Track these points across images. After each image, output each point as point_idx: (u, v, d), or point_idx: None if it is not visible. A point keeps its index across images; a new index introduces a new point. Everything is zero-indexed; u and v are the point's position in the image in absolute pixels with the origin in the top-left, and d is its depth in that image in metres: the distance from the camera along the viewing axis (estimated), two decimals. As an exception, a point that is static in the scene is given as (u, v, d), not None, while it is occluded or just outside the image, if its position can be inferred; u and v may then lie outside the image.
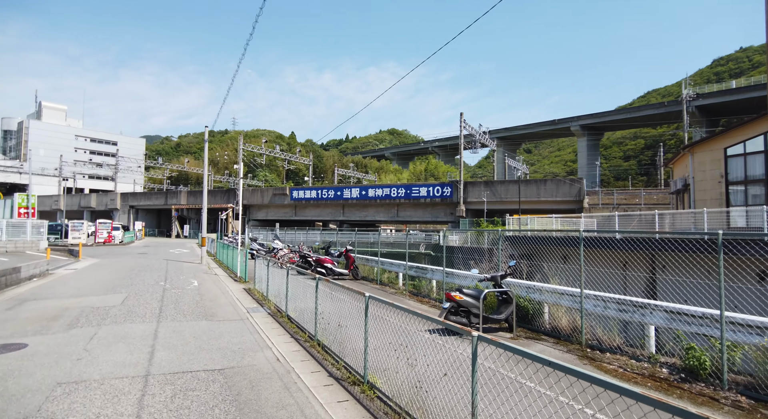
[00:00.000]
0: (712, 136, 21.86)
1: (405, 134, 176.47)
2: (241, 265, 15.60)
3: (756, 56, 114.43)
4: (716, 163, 21.11)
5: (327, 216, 52.72)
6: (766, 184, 19.37)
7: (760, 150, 19.57)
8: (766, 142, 19.33)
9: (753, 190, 19.95)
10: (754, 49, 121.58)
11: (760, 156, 19.60)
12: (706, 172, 21.58)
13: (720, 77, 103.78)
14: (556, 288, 8.06)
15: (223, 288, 13.09)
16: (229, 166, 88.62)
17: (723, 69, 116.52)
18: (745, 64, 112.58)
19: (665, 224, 21.57)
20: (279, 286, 9.89)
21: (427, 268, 12.39)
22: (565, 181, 41.48)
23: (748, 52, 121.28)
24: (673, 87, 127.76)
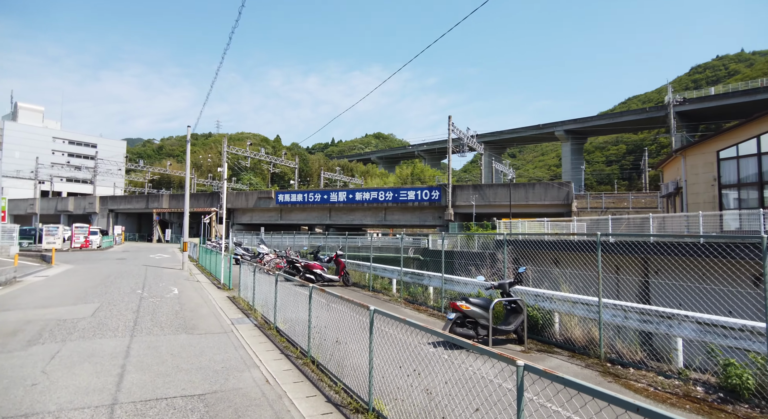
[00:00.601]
0: (705, 139, 21.73)
1: (391, 138, 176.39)
2: (224, 271, 14.76)
3: (731, 64, 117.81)
4: (709, 166, 20.97)
5: (313, 220, 51.79)
6: (759, 187, 19.24)
7: (753, 153, 19.45)
8: (759, 145, 19.21)
9: (746, 193, 19.82)
10: (730, 57, 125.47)
11: (752, 159, 19.48)
12: (699, 176, 21.42)
13: (698, 84, 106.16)
14: (569, 296, 7.48)
15: (205, 296, 12.24)
16: (212, 169, 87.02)
17: (700, 76, 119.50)
18: (721, 72, 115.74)
19: (659, 227, 21.35)
20: (266, 295, 9.13)
21: (424, 274, 11.74)
22: (554, 185, 41.35)
23: (724, 60, 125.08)
24: (652, 93, 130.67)
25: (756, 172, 19.30)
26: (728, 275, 10.69)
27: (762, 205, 18.93)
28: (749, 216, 18.07)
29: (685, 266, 14.18)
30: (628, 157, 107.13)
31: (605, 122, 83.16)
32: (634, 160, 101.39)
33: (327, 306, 6.02)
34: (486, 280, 8.32)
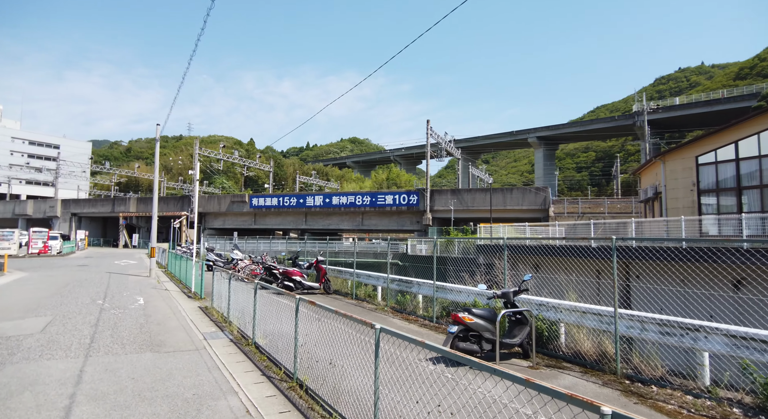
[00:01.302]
0: (684, 145, 21.89)
1: (367, 143, 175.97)
2: (196, 279, 13.72)
3: (693, 76, 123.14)
4: (688, 171, 21.09)
5: (289, 225, 50.53)
6: (737, 193, 19.40)
7: (731, 158, 19.61)
8: (737, 150, 19.39)
9: (724, 198, 19.97)
10: (691, 69, 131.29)
11: (731, 164, 19.64)
12: (678, 181, 21.53)
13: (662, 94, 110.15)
14: (578, 305, 6.91)
15: (174, 306, 11.21)
16: (183, 172, 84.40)
17: (664, 87, 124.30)
18: (683, 84, 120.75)
19: (638, 232, 21.36)
20: (243, 305, 8.26)
21: (413, 281, 11.04)
22: (531, 190, 41.47)
23: (686, 72, 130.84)
24: (619, 103, 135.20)
25: (734, 178, 19.46)
26: (709, 279, 10.52)
27: (740, 210, 19.09)
28: (727, 222, 18.17)
29: (665, 270, 13.97)
30: (597, 164, 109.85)
31: (576, 130, 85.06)
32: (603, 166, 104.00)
33: (318, 320, 5.24)
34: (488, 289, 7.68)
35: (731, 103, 64.05)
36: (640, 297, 14.33)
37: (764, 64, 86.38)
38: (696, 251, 12.63)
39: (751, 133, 18.91)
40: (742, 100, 63.59)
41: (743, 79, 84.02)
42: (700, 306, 8.51)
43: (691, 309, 8.20)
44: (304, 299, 5.39)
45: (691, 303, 8.72)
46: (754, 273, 11.38)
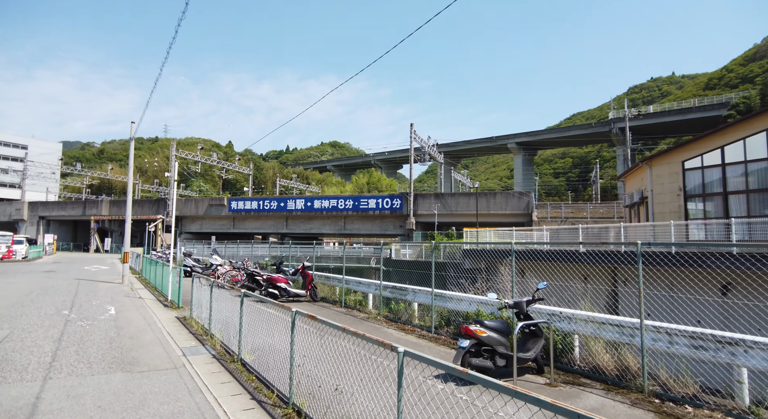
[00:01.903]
0: (671, 150, 21.95)
1: (347, 147, 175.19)
2: (173, 286, 12.81)
3: (664, 86, 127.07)
4: (674, 176, 21.12)
5: (269, 229, 49.34)
6: (723, 197, 19.46)
7: (717, 163, 19.68)
8: (723, 155, 19.47)
9: (711, 203, 20.02)
10: (663, 79, 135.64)
11: (717, 169, 19.71)
12: (665, 185, 21.54)
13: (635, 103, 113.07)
14: (595, 316, 6.40)
15: (149, 317, 10.32)
16: (159, 174, 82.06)
17: (637, 96, 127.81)
18: (655, 93, 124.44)
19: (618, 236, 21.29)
20: (228, 316, 7.50)
21: (408, 289, 10.41)
22: (514, 195, 41.44)
23: (658, 81, 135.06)
24: (595, 110, 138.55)
25: (720, 182, 19.53)
26: (695, 284, 10.31)
27: (727, 214, 19.14)
28: (716, 226, 18.16)
29: (653, 275, 13.72)
30: (574, 170, 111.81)
31: (554, 136, 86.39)
32: (580, 172, 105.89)
33: (319, 336, 4.57)
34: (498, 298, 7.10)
35: (702, 112, 65.94)
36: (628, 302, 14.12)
37: (731, 75, 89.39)
38: (683, 256, 12.46)
39: (737, 138, 19.00)
40: (712, 109, 65.59)
41: (712, 89, 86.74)
42: (686, 311, 8.33)
43: (676, 313, 8.00)
44: (301, 312, 4.72)
45: (678, 308, 8.53)
46: (739, 277, 11.18)
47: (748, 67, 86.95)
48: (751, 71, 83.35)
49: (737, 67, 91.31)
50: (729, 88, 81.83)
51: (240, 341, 6.52)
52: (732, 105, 67.94)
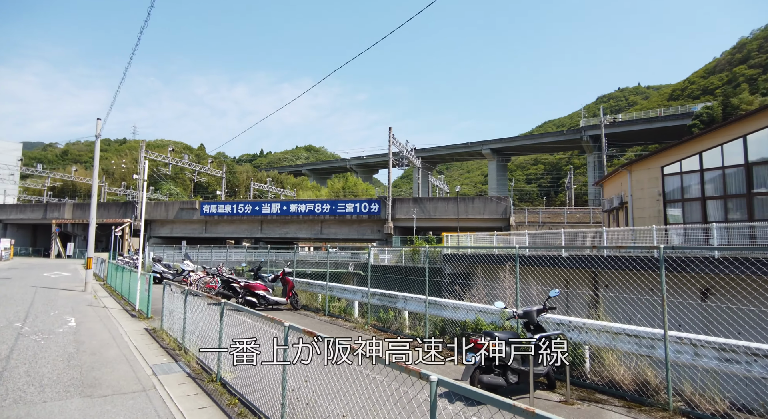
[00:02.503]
0: (650, 155, 22.13)
1: (323, 151, 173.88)
2: (141, 294, 11.83)
3: (631, 96, 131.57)
4: (654, 181, 21.28)
5: (242, 233, 47.95)
6: (702, 203, 19.66)
7: (695, 169, 19.89)
8: (702, 161, 19.69)
9: (689, 208, 20.21)
10: (629, 89, 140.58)
11: (695, 174, 19.92)
12: (644, 190, 21.69)
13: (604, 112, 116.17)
14: (610, 325, 5.95)
15: (114, 329, 9.38)
16: (126, 176, 79.08)
17: (606, 105, 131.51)
18: (622, 102, 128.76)
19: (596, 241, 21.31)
20: (205, 329, 6.73)
21: (398, 296, 9.81)
22: (492, 199, 41.49)
23: (625, 92, 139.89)
24: (565, 119, 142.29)
25: (699, 188, 19.74)
26: (677, 288, 10.20)
27: (705, 220, 19.34)
28: (692, 232, 18.31)
29: (634, 279, 13.58)
30: (546, 176, 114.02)
31: (528, 142, 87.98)
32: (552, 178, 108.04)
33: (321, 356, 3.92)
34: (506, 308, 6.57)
35: (668, 121, 68.39)
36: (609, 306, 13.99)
37: (694, 86, 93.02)
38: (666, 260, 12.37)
39: (714, 144, 19.24)
40: (677, 118, 68.11)
41: (676, 100, 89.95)
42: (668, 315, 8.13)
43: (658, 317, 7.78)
44: (296, 328, 4.07)
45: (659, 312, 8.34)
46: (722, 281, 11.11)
47: (708, 79, 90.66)
48: (712, 83, 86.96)
49: (699, 80, 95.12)
50: (691, 99, 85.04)
51: (219, 358, 5.79)
52: (696, 115, 70.61)
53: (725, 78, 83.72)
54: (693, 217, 20.05)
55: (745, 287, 10.11)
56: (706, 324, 8.79)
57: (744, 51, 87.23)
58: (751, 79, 75.49)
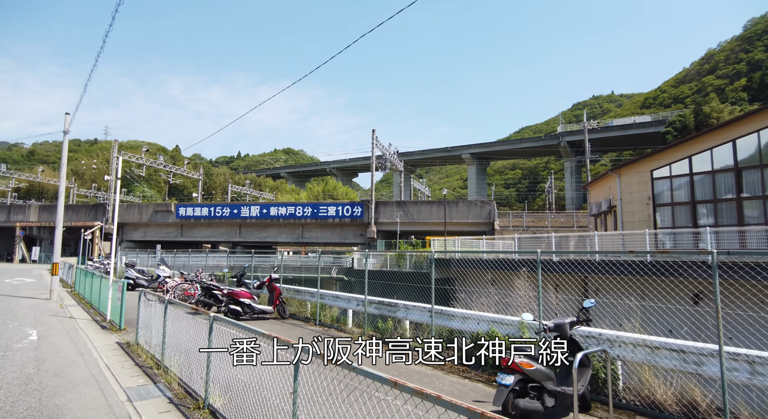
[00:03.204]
0: (640, 158, 22.06)
1: (302, 154, 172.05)
2: (113, 303, 10.79)
3: (605, 104, 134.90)
4: (643, 185, 21.18)
5: (220, 237, 46.44)
6: (692, 207, 19.61)
7: (685, 173, 19.85)
8: (691, 165, 19.66)
9: (679, 212, 20.15)
10: (603, 97, 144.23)
11: (685, 178, 19.87)
12: (634, 194, 21.58)
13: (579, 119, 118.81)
14: (649, 339, 5.37)
15: (82, 344, 8.37)
16: (97, 178, 76.20)
17: (580, 112, 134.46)
18: (597, 110, 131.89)
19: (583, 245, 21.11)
20: (189, 343, 5.87)
21: (399, 305, 9.08)
22: (477, 203, 41.23)
23: (599, 99, 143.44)
24: (542, 125, 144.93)
25: (688, 192, 19.69)
26: (667, 293, 9.91)
27: (695, 223, 19.30)
28: (682, 236, 18.20)
29: (624, 284, 13.25)
30: (523, 182, 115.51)
31: (507, 147, 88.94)
32: (529, 183, 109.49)
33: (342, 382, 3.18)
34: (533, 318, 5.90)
35: (643, 128, 70.13)
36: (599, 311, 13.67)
37: (665, 95, 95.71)
38: (656, 265, 12.07)
39: (704, 148, 19.23)
40: (650, 125, 69.89)
41: (648, 108, 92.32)
42: (658, 321, 7.96)
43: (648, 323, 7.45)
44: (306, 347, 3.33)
45: (650, 317, 8.04)
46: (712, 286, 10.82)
47: (679, 88, 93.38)
48: (682, 92, 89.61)
49: (670, 88, 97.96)
50: (663, 107, 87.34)
51: (208, 380, 4.95)
52: (669, 122, 72.37)
53: (695, 87, 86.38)
54: (682, 221, 20.00)
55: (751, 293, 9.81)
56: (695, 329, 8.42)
57: (712, 62, 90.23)
58: (719, 89, 78.06)
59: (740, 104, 70.84)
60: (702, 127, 66.22)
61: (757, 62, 75.98)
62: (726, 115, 66.18)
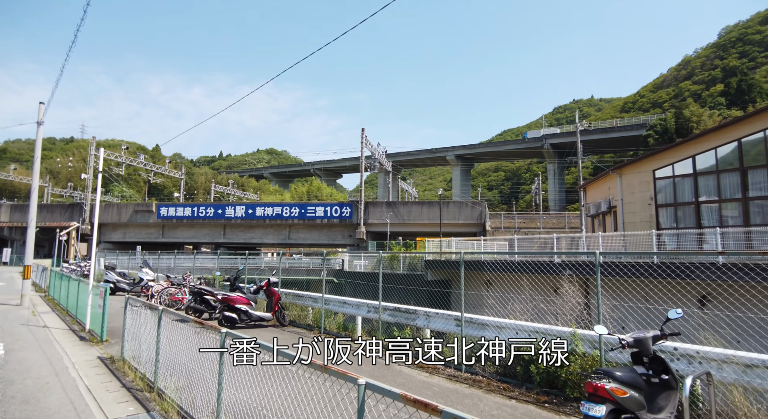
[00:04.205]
0: (641, 158, 21.64)
1: (285, 155, 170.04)
2: (93, 310, 9.65)
3: (585, 108, 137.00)
4: (645, 184, 20.74)
5: (203, 238, 44.88)
6: (696, 207, 19.21)
7: (689, 173, 19.46)
8: (695, 164, 19.27)
9: (683, 213, 19.75)
10: (583, 101, 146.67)
11: (689, 179, 19.48)
12: (635, 194, 21.12)
13: (560, 122, 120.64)
14: (740, 355, 4.60)
15: (57, 359, 7.26)
16: (73, 177, 73.47)
17: (561, 116, 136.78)
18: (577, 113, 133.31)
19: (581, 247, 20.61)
20: (190, 358, 4.90)
21: (418, 311, 8.19)
22: (468, 204, 40.68)
23: (579, 103, 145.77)
24: (523, 128, 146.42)
25: (692, 192, 19.28)
26: (672, 295, 9.46)
27: (699, 224, 18.90)
28: (685, 236, 17.81)
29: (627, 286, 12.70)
30: (506, 183, 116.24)
31: (491, 149, 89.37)
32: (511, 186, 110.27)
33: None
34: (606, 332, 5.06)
35: (624, 132, 71.08)
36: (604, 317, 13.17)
37: (644, 100, 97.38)
38: (661, 266, 11.58)
39: (708, 147, 18.85)
40: (632, 129, 70.85)
41: (627, 112, 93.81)
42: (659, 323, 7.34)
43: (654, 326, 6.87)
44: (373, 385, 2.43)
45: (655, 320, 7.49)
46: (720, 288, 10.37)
47: (657, 93, 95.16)
48: (660, 97, 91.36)
49: (648, 93, 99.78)
50: (642, 111, 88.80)
51: (219, 410, 3.99)
52: (650, 126, 73.37)
53: (672, 92, 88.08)
54: (686, 222, 19.58)
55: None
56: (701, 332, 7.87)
57: (689, 68, 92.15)
58: (695, 94, 79.74)
59: (719, 108, 72.24)
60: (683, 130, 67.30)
61: (731, 69, 77.80)
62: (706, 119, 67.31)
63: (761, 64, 75.86)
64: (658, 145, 60.07)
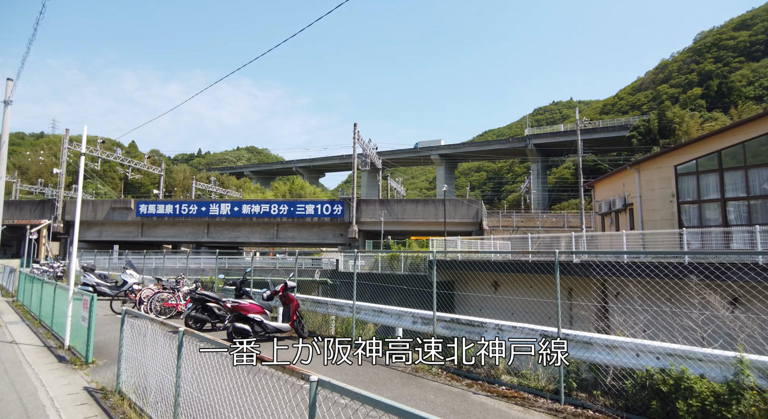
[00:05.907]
0: (661, 153, 20.67)
1: (265, 153, 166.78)
2: (74, 320, 7.87)
3: (564, 110, 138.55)
4: (665, 181, 19.75)
5: (186, 237, 42.54)
6: (722, 204, 18.28)
7: (714, 168, 18.53)
8: (720, 160, 18.34)
9: (708, 210, 18.80)
10: (563, 103, 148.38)
11: (714, 174, 18.55)
12: (655, 191, 20.11)
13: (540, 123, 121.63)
14: None
15: (30, 392, 5.50)
16: (44, 173, 69.70)
17: (542, 117, 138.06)
18: (557, 115, 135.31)
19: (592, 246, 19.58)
20: (228, 400, 3.30)
21: (487, 324, 6.66)
22: (463, 202, 39.46)
23: (559, 105, 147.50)
24: (504, 129, 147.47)
25: (718, 188, 18.34)
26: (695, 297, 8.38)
27: (725, 222, 17.98)
28: (710, 235, 16.85)
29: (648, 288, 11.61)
30: (488, 183, 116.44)
31: (475, 149, 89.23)
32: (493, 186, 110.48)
33: None
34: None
35: (606, 133, 71.73)
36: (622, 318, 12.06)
37: (623, 102, 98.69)
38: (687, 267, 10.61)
39: (735, 142, 17.94)
40: (614, 130, 71.37)
41: (606, 114, 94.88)
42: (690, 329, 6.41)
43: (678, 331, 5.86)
44: None
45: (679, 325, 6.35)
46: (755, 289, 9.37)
47: (635, 96, 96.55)
48: (639, 99, 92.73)
49: (627, 96, 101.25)
50: (621, 113, 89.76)
51: None
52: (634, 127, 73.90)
53: (650, 95, 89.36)
54: (712, 220, 18.63)
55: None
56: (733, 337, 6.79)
57: (666, 71, 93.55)
58: (673, 97, 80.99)
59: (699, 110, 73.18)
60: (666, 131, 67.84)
61: (707, 73, 79.14)
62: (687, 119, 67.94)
63: (735, 68, 77.37)
64: (642, 145, 60.43)
